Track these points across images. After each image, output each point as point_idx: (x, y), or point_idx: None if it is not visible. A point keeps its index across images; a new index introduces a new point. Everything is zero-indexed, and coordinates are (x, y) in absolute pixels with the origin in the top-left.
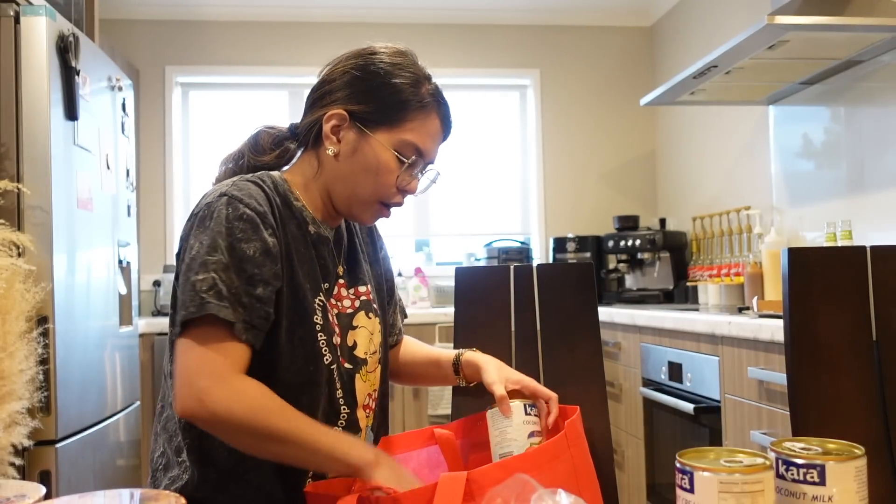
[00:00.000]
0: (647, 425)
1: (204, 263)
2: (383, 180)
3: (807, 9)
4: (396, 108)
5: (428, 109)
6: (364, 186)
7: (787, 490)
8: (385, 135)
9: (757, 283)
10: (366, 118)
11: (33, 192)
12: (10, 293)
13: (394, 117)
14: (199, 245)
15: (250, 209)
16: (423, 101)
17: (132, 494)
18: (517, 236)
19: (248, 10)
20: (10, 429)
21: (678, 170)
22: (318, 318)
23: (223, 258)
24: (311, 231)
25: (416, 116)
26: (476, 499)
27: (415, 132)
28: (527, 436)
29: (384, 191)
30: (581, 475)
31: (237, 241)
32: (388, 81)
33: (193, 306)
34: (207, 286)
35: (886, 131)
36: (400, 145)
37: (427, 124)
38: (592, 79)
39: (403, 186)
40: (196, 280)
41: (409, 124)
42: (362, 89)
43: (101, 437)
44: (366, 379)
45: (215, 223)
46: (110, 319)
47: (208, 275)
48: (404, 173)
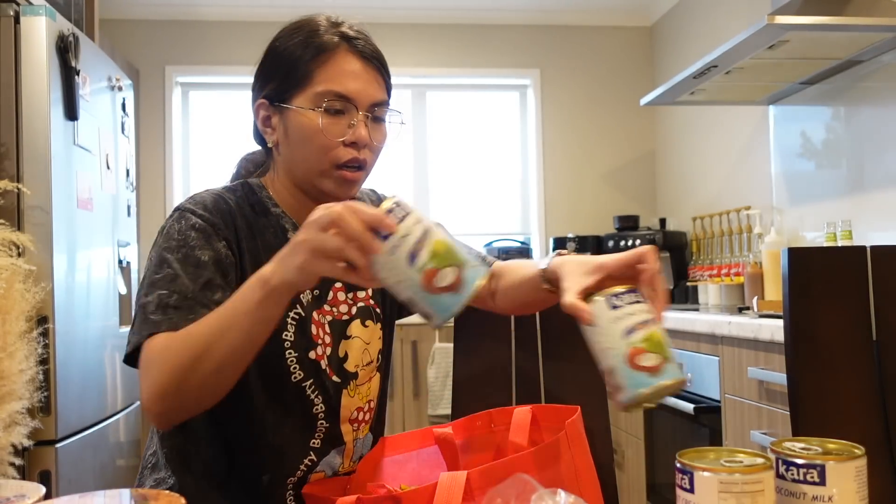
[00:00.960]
0: (647, 425)
1: (152, 283)
2: (319, 141)
3: (807, 9)
4: (297, 68)
5: (332, 50)
6: (309, 158)
7: (787, 490)
8: (300, 98)
9: (757, 283)
10: (278, 95)
11: (33, 192)
12: (10, 293)
13: (299, 78)
14: (150, 262)
15: (201, 219)
16: (325, 45)
17: (132, 494)
18: (517, 236)
19: (248, 10)
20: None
21: (678, 170)
22: (287, 334)
23: (170, 271)
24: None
25: (321, 64)
26: (476, 498)
27: (327, 80)
28: (621, 335)
29: (328, 152)
30: (581, 475)
31: (191, 249)
32: (282, 49)
33: (143, 329)
34: (154, 307)
35: (886, 131)
36: (316, 99)
37: (337, 64)
38: (592, 79)
39: (348, 139)
40: (146, 303)
41: (318, 76)
42: (266, 71)
43: (101, 437)
44: (354, 393)
45: (165, 238)
46: (110, 319)
47: (154, 294)
48: (336, 123)
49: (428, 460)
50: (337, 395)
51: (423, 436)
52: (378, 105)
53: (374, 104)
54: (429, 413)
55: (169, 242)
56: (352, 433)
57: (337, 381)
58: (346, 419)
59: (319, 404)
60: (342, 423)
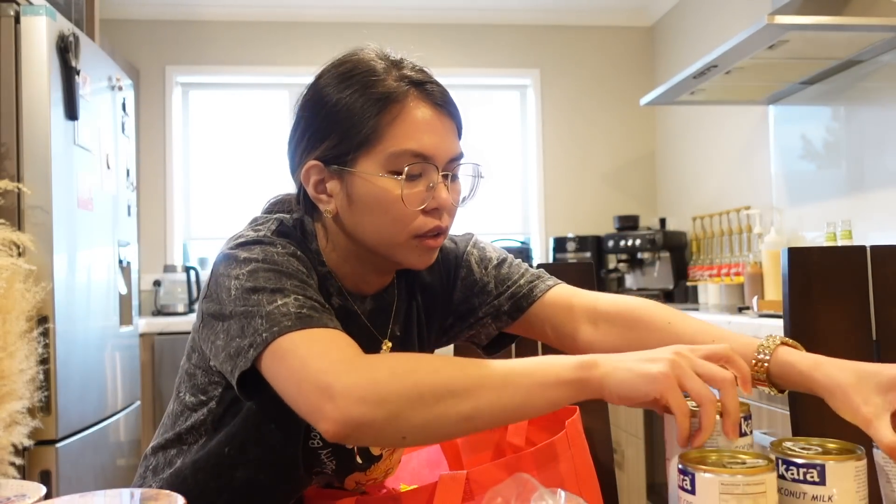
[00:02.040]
0: (647, 425)
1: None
2: (397, 212)
3: (807, 9)
4: (359, 124)
5: (402, 98)
6: (382, 230)
7: (788, 490)
8: (366, 160)
9: (757, 282)
10: (336, 157)
11: (33, 192)
12: (10, 293)
13: (364, 137)
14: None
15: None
16: (391, 94)
17: (132, 494)
18: (517, 236)
19: (248, 10)
20: (10, 428)
21: (678, 170)
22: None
23: (294, 282)
24: (334, 304)
25: (390, 116)
26: (476, 498)
27: (399, 137)
28: None
29: (406, 223)
30: (581, 475)
31: (297, 270)
32: (335, 101)
33: (288, 320)
34: (295, 306)
35: (886, 131)
36: (388, 162)
37: (408, 117)
38: (592, 79)
39: (428, 206)
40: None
41: (388, 132)
42: (316, 127)
43: (101, 437)
44: (370, 473)
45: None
46: (110, 319)
47: (290, 297)
48: (413, 188)
49: (428, 460)
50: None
51: None
52: (457, 160)
53: (452, 160)
54: None
55: (271, 261)
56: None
57: (359, 462)
58: (348, 484)
59: (329, 463)
60: (346, 484)
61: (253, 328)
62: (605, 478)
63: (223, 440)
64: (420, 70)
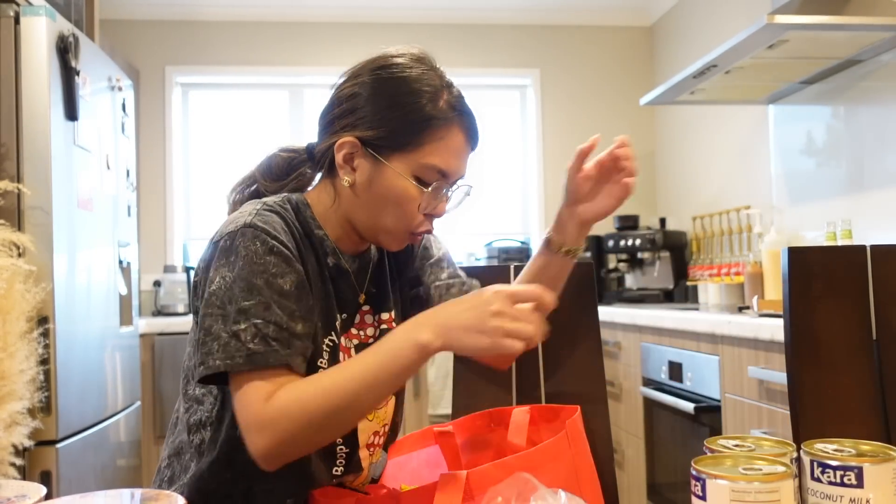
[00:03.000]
0: (647, 425)
1: (243, 311)
2: (405, 210)
3: (807, 8)
4: (411, 131)
5: (449, 124)
6: (386, 217)
7: (823, 493)
8: (401, 162)
9: (757, 282)
10: (379, 145)
11: (33, 192)
12: (10, 293)
13: (409, 141)
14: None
15: (279, 242)
16: (441, 116)
17: (132, 494)
18: (517, 236)
19: (248, 10)
20: (10, 429)
21: (678, 169)
22: (322, 362)
23: (263, 298)
24: (329, 263)
25: (435, 135)
26: (476, 498)
27: (435, 153)
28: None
29: (408, 220)
30: (582, 475)
31: (273, 276)
32: (401, 100)
33: (240, 356)
34: (251, 335)
35: (886, 130)
36: (419, 170)
37: (448, 141)
38: (592, 78)
39: (430, 212)
40: (238, 330)
41: (428, 146)
42: (373, 111)
43: (101, 438)
44: (372, 418)
45: (245, 261)
46: (110, 319)
47: (249, 323)
48: (427, 199)
49: (428, 460)
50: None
51: (423, 436)
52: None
53: (458, 179)
54: (429, 413)
55: (251, 266)
56: (368, 458)
57: None
58: (364, 444)
59: None
60: (360, 448)
61: (208, 349)
62: (606, 477)
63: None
64: (463, 99)
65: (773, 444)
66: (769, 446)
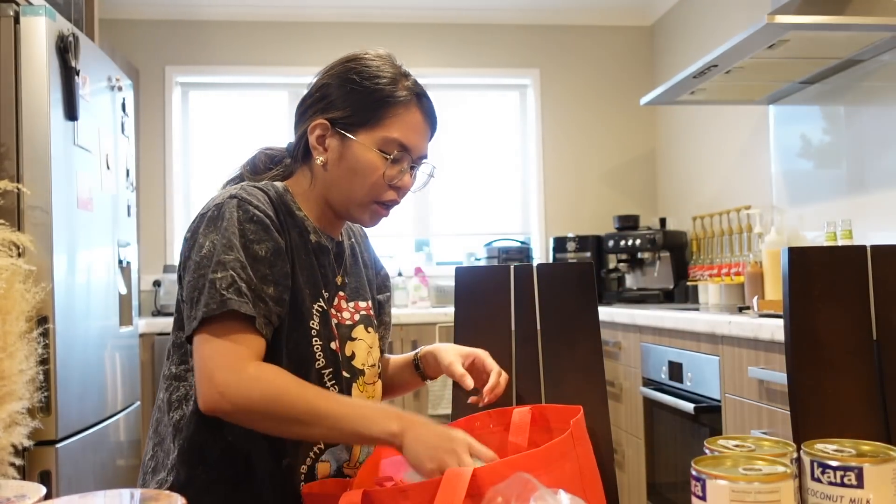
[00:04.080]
0: (647, 425)
1: (221, 262)
2: (371, 180)
3: (807, 8)
4: (373, 108)
5: (407, 104)
6: (355, 189)
7: (823, 493)
8: (366, 135)
9: (757, 282)
10: (346, 123)
11: (33, 192)
12: (10, 293)
13: (372, 117)
14: (210, 244)
15: (259, 211)
16: (401, 96)
17: (132, 494)
18: (517, 236)
19: (248, 10)
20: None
21: (678, 170)
22: (314, 323)
23: (240, 257)
24: (311, 240)
25: (395, 112)
26: (480, 495)
27: (395, 128)
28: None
29: (375, 190)
30: (586, 475)
31: (250, 242)
32: (363, 84)
33: (214, 303)
34: (227, 284)
35: (886, 131)
36: (382, 143)
37: (407, 118)
38: (592, 78)
39: (395, 183)
40: (215, 278)
41: (389, 121)
42: (340, 96)
43: (101, 438)
44: (363, 389)
45: (228, 223)
46: (110, 319)
47: (227, 273)
48: (391, 170)
49: None
50: (348, 387)
51: None
52: (423, 159)
53: (420, 158)
54: (429, 413)
55: (233, 229)
56: None
57: (347, 377)
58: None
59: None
60: None
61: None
62: (606, 478)
63: None
64: (420, 86)
65: (773, 445)
66: (769, 446)
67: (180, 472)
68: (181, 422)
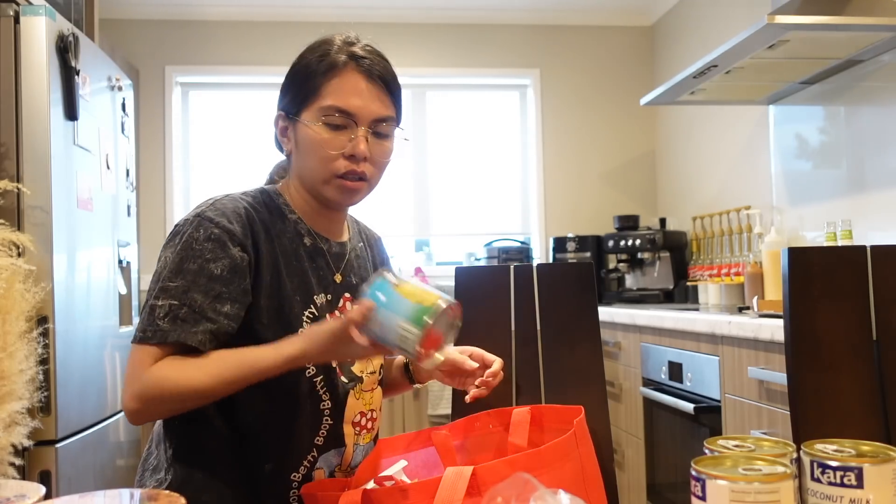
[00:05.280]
0: (647, 425)
1: (164, 289)
2: (323, 153)
3: (807, 8)
4: (307, 83)
5: (341, 69)
6: (313, 167)
7: (823, 493)
8: (308, 112)
9: (757, 282)
10: (291, 108)
11: (33, 192)
12: (10, 293)
13: (309, 92)
14: (163, 263)
15: (218, 228)
16: (334, 64)
17: (132, 494)
18: (517, 236)
19: (248, 10)
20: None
21: (678, 170)
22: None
23: (183, 283)
24: (306, 243)
25: (330, 81)
26: (481, 494)
27: (331, 95)
28: None
29: (329, 163)
30: (588, 475)
31: (206, 261)
32: (298, 67)
33: (150, 331)
34: (164, 313)
35: (886, 131)
36: (323, 115)
37: (342, 82)
38: (592, 78)
39: (348, 151)
40: (155, 305)
41: (324, 91)
42: (285, 84)
43: (101, 437)
44: (359, 397)
45: (183, 245)
46: (110, 319)
47: (166, 301)
48: (337, 137)
49: (426, 461)
50: (344, 394)
51: (420, 437)
52: (381, 121)
53: (377, 120)
54: (429, 413)
55: (187, 252)
56: (353, 436)
57: (344, 381)
58: (350, 420)
59: (327, 401)
60: (345, 423)
61: (141, 318)
62: (606, 478)
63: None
64: (367, 49)
65: (773, 445)
66: (769, 447)
67: (178, 471)
68: (172, 421)
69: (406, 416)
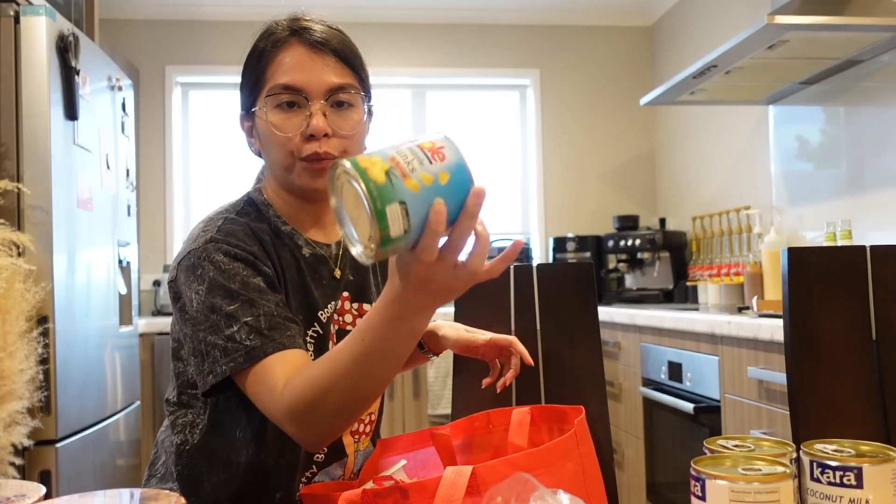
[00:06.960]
0: (646, 425)
1: (230, 315)
2: (279, 139)
3: (807, 8)
4: (254, 72)
5: (283, 46)
6: (276, 156)
7: (823, 493)
8: (260, 102)
9: (757, 282)
10: (248, 102)
11: (33, 192)
12: (10, 293)
13: (256, 81)
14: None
15: (241, 249)
16: (274, 43)
17: (132, 494)
18: (517, 236)
19: (248, 10)
20: (10, 428)
21: (678, 170)
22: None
23: (244, 298)
24: (305, 254)
25: (272, 63)
26: (481, 494)
27: (276, 74)
28: None
29: (288, 147)
30: (589, 475)
31: (246, 277)
32: (248, 56)
33: (240, 356)
34: (245, 333)
35: (886, 131)
36: (271, 100)
37: (285, 58)
38: (592, 78)
39: (305, 132)
40: (233, 333)
41: (268, 75)
42: (241, 82)
43: (101, 437)
44: None
45: (217, 271)
46: (110, 319)
47: (240, 324)
48: (290, 118)
49: (426, 462)
50: None
51: (420, 437)
52: (338, 90)
53: (332, 90)
54: (429, 413)
55: (221, 275)
56: (353, 445)
57: None
58: (348, 430)
59: None
60: (344, 434)
61: (213, 358)
62: (606, 478)
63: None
64: (312, 20)
65: (772, 445)
66: (769, 446)
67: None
68: (182, 446)
69: (406, 416)
